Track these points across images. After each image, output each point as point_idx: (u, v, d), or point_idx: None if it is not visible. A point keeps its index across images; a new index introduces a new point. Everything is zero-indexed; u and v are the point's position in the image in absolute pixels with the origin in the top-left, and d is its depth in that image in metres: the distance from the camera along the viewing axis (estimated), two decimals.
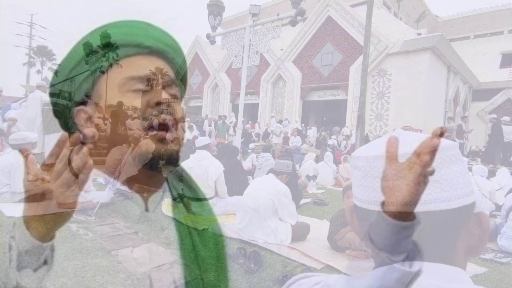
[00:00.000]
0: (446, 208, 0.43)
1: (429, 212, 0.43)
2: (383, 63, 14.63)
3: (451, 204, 0.44)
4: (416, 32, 14.80)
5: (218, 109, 21.47)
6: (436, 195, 0.43)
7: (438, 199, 0.43)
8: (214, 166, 4.30)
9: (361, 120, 10.16)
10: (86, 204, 2.43)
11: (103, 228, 2.98)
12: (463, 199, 0.44)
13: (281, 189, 3.57)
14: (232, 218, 4.07)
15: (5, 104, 9.38)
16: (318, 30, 17.13)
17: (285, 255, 3.14)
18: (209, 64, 22.67)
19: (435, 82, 14.26)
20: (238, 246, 3.21)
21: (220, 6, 7.40)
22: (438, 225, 0.44)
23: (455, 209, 0.44)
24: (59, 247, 0.45)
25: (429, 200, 0.43)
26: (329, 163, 8.30)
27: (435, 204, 0.43)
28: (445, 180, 0.44)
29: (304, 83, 17.65)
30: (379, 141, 0.49)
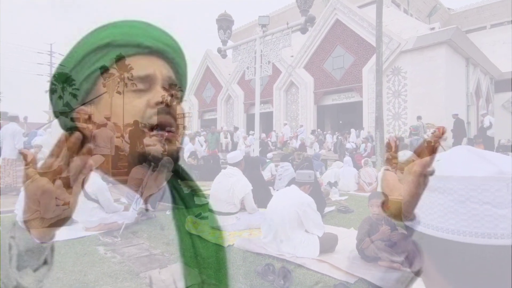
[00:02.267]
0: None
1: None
2: (397, 62, 14.34)
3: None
4: (429, 27, 14.47)
5: (233, 120, 21.64)
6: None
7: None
8: (241, 184, 4.29)
9: (379, 122, 9.94)
10: (112, 226, 2.45)
11: (130, 249, 2.96)
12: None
13: (305, 200, 3.49)
14: (256, 232, 4.01)
15: (31, 131, 9.83)
16: (327, 34, 17.07)
17: (315, 269, 3.03)
18: (221, 77, 22.98)
19: (454, 76, 13.81)
20: (265, 262, 3.14)
21: (229, 20, 7.51)
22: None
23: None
24: (89, 272, 0.44)
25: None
26: (349, 168, 8.12)
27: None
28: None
29: (317, 88, 17.54)
30: (467, 158, 0.42)
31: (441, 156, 0.44)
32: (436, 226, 0.41)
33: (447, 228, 0.40)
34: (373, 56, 12.95)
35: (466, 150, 0.44)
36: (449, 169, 0.41)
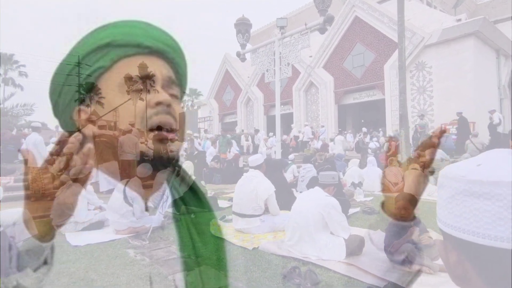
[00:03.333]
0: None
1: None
2: (421, 56, 13.83)
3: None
4: (455, 18, 13.85)
5: (253, 122, 21.72)
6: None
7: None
8: (264, 186, 4.29)
9: (404, 119, 9.62)
10: (140, 229, 2.55)
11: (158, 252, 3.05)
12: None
13: (330, 202, 3.44)
14: (280, 235, 4.00)
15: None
16: (346, 31, 16.77)
17: (342, 272, 2.98)
18: (240, 80, 23.15)
19: (484, 68, 13.12)
20: (290, 265, 3.12)
21: (247, 24, 7.57)
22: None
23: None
24: (121, 274, 0.45)
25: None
26: (373, 167, 7.91)
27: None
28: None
29: (337, 87, 17.25)
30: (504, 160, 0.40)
31: (481, 160, 0.43)
32: (483, 233, 0.39)
33: (495, 236, 0.38)
34: (395, 52, 12.57)
35: (508, 153, 0.41)
36: (495, 174, 0.40)
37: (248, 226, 4.18)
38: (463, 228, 0.41)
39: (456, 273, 0.44)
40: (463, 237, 0.41)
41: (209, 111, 26.22)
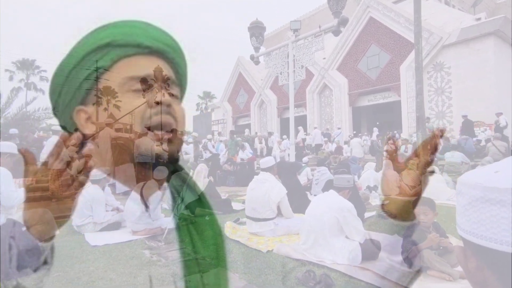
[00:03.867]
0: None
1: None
2: (439, 57, 13.49)
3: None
4: (474, 17, 13.45)
5: (267, 125, 21.73)
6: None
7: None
8: (276, 189, 4.27)
9: (421, 121, 9.40)
10: (156, 230, 2.60)
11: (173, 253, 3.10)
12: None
13: (345, 206, 3.40)
14: (294, 238, 3.98)
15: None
16: (361, 33, 16.58)
17: (358, 277, 2.93)
18: (253, 82, 23.24)
19: (505, 68, 12.66)
20: (305, 268, 3.10)
21: (261, 27, 7.60)
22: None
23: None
24: (138, 274, 0.46)
25: None
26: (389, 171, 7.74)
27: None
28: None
29: (351, 89, 17.05)
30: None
31: (500, 167, 0.43)
32: (501, 240, 0.39)
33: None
34: (412, 53, 12.33)
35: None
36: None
37: (262, 229, 4.18)
38: (481, 234, 0.41)
39: (476, 280, 0.44)
40: (481, 243, 0.41)
41: (222, 113, 26.42)
